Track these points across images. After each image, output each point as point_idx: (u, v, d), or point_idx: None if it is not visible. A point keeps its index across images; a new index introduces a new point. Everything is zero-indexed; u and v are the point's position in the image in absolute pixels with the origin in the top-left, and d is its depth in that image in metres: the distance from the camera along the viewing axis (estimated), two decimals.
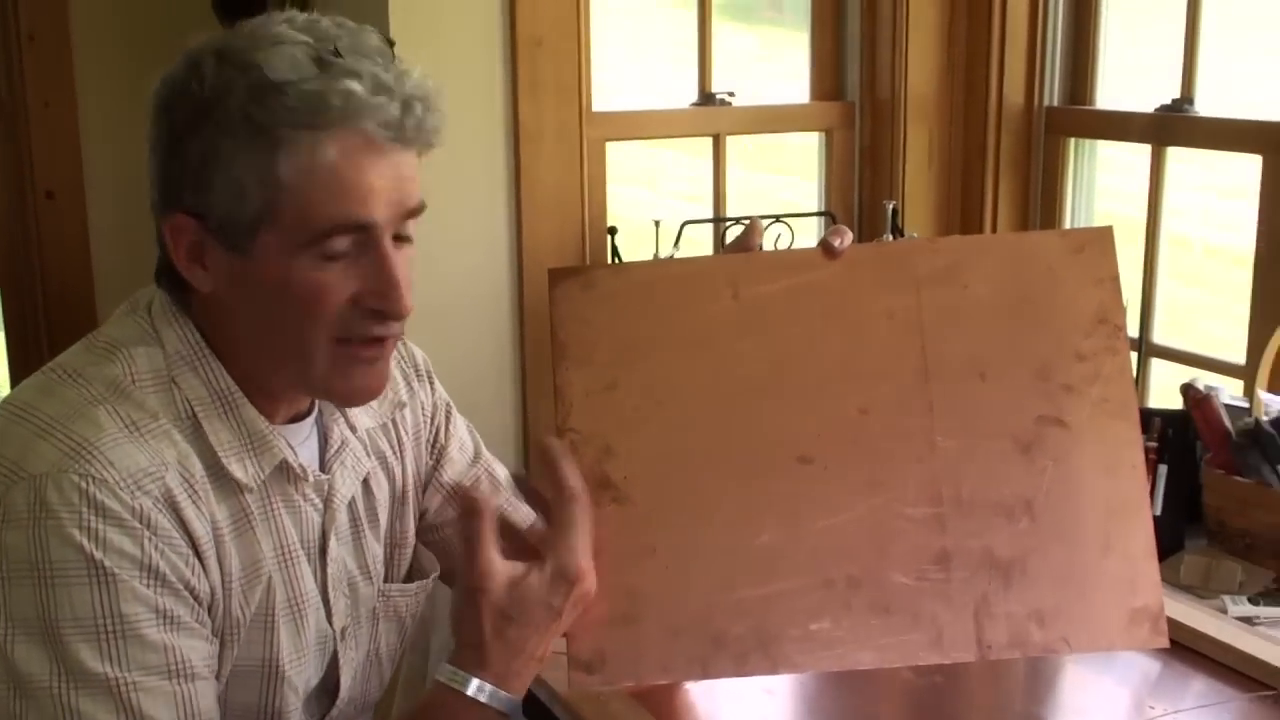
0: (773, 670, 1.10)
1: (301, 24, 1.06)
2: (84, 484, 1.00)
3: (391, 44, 1.08)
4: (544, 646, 1.08)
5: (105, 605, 0.99)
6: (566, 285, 1.14)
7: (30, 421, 1.04)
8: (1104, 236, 1.14)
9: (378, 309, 1.08)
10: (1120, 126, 2.37)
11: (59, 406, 1.05)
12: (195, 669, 1.04)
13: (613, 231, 2.38)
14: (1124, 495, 1.09)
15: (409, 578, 1.30)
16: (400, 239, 1.09)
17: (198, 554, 1.05)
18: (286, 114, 1.02)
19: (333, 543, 1.19)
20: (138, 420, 1.05)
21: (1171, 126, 2.23)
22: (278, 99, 1.02)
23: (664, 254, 2.36)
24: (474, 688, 1.06)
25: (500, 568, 1.07)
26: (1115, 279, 1.13)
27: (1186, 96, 2.21)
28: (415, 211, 1.09)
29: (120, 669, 0.99)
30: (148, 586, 1.01)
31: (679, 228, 2.42)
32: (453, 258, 2.20)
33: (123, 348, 1.09)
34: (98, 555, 0.99)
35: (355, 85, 1.02)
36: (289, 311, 1.07)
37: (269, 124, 1.02)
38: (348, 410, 1.22)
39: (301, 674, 1.15)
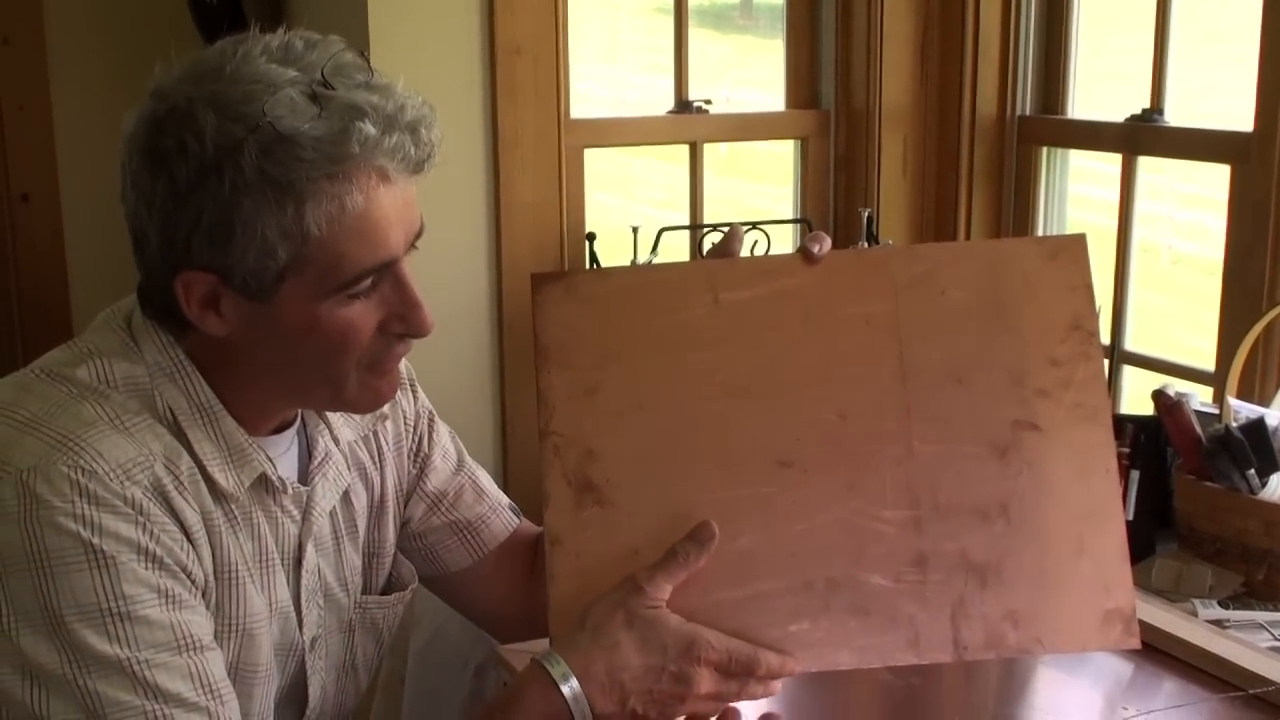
0: None
1: (278, 54, 1.03)
2: (74, 474, 0.99)
3: (363, 54, 1.06)
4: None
5: (107, 588, 0.99)
6: (550, 290, 1.15)
7: (11, 418, 1.03)
8: (1078, 244, 1.16)
9: (404, 333, 1.09)
10: (1091, 136, 2.40)
11: (41, 403, 1.04)
12: (203, 641, 1.03)
13: (591, 238, 2.39)
14: (1097, 498, 1.11)
15: (388, 588, 1.30)
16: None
17: (190, 540, 1.05)
18: (305, 166, 0.99)
19: (309, 554, 1.18)
20: (122, 415, 1.04)
21: (1142, 136, 2.25)
22: (291, 151, 0.99)
23: (642, 260, 2.37)
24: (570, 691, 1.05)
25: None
26: (1089, 286, 1.14)
27: (1156, 106, 2.23)
28: (421, 233, 1.10)
29: (130, 649, 0.99)
30: (146, 568, 1.01)
31: (657, 234, 2.43)
32: (432, 264, 2.18)
33: (102, 356, 1.08)
34: (95, 540, 0.99)
35: (367, 126, 1.00)
36: (318, 348, 1.07)
37: (289, 178, 0.99)
38: (331, 423, 1.22)
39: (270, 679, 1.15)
